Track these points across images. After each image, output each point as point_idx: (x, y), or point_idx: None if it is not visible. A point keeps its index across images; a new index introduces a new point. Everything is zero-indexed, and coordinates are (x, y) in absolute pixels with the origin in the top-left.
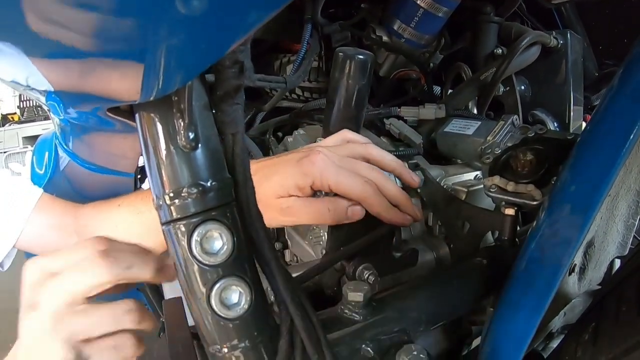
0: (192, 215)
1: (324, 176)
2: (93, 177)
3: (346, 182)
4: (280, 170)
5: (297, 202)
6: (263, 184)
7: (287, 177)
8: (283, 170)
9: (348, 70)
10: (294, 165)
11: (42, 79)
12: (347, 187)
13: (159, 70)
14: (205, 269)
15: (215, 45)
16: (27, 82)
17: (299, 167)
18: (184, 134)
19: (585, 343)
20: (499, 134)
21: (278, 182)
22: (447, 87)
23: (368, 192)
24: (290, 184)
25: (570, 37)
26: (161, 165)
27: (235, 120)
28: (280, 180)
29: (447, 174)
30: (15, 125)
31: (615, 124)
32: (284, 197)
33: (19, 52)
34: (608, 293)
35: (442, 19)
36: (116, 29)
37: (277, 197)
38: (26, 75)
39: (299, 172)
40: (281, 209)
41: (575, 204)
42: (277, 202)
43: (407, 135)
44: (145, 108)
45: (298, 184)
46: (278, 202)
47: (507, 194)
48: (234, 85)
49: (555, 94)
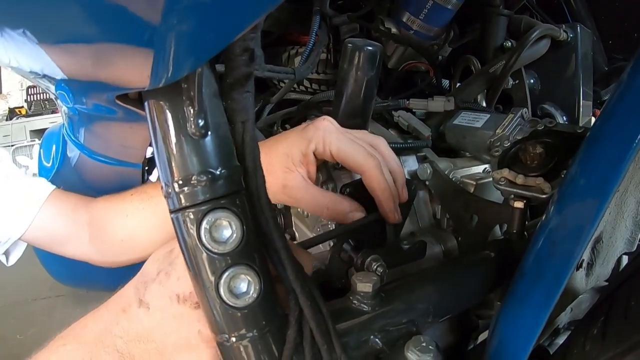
0: (201, 203)
1: (326, 141)
2: (100, 169)
3: (349, 149)
4: (285, 139)
5: (301, 184)
6: (269, 153)
7: (291, 145)
8: (288, 139)
9: (357, 61)
10: (298, 133)
11: (53, 66)
12: (349, 154)
13: (169, 55)
14: (214, 258)
15: (225, 30)
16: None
17: (303, 133)
18: (193, 121)
19: (594, 337)
20: (508, 127)
21: (283, 151)
22: (456, 79)
23: (370, 164)
24: (295, 152)
25: (580, 30)
26: (170, 153)
27: (246, 108)
28: (284, 148)
29: (456, 166)
30: (23, 119)
31: (625, 118)
32: (290, 171)
33: (30, 39)
34: (617, 288)
35: (451, 11)
36: (126, 13)
37: (284, 169)
38: (37, 62)
39: (303, 137)
40: (284, 185)
41: (586, 197)
42: (282, 177)
43: (416, 127)
44: (154, 95)
45: (302, 150)
46: (283, 177)
47: (516, 186)
48: (244, 72)
49: (564, 87)
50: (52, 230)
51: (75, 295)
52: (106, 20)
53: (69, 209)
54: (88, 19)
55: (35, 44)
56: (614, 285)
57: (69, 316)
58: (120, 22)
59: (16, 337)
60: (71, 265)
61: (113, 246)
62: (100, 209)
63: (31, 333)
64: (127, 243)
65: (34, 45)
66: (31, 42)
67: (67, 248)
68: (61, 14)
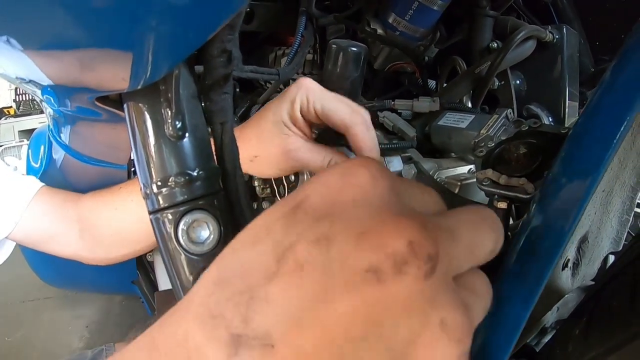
0: (179, 204)
1: (310, 98)
2: (86, 170)
3: (333, 105)
4: (270, 108)
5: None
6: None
7: (277, 111)
8: (273, 106)
9: (341, 62)
10: (280, 97)
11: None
12: (334, 110)
13: (146, 57)
14: (192, 258)
15: (199, 29)
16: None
17: (286, 95)
18: (171, 123)
19: (577, 337)
20: (493, 128)
21: (272, 119)
22: (443, 80)
23: (357, 119)
24: (284, 116)
25: (566, 31)
26: (148, 154)
27: (224, 109)
28: (273, 116)
29: (441, 167)
30: (11, 119)
31: (606, 116)
32: (288, 135)
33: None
34: (601, 288)
35: (437, 12)
36: (100, 16)
37: (281, 136)
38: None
39: (286, 100)
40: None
41: (566, 196)
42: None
43: (401, 128)
44: (133, 97)
45: (289, 112)
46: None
47: (499, 187)
48: (222, 74)
49: (550, 88)
50: (40, 228)
51: (63, 297)
52: (85, 25)
53: (57, 206)
54: (68, 24)
55: (16, 49)
56: (598, 285)
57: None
58: (98, 26)
59: (4, 339)
60: (59, 267)
61: (103, 241)
62: (89, 204)
63: (20, 335)
64: (117, 237)
65: (14, 50)
66: (12, 46)
67: (56, 246)
68: (41, 20)
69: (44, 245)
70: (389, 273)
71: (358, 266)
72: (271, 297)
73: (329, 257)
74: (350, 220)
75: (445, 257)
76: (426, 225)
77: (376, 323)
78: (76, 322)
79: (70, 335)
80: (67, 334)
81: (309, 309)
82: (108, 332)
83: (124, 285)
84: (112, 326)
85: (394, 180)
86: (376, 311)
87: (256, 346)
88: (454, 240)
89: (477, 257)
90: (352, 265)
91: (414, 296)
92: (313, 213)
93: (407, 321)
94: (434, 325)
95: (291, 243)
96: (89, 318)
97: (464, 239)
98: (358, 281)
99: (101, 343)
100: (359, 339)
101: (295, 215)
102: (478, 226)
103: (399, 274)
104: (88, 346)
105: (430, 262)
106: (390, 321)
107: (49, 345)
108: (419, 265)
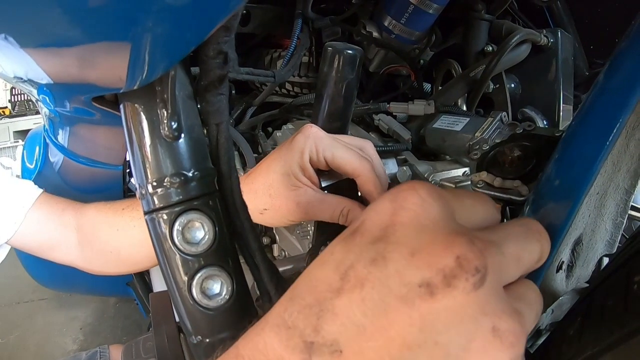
0: (174, 204)
1: (319, 148)
2: (81, 170)
3: (344, 154)
4: (279, 159)
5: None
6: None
7: (287, 162)
8: (281, 157)
9: (336, 65)
10: (288, 147)
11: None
12: (344, 159)
13: (142, 57)
14: (186, 258)
15: (195, 29)
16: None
17: (294, 145)
18: (166, 124)
19: (571, 338)
20: (487, 131)
21: (281, 172)
22: (438, 83)
23: (365, 167)
24: (294, 167)
25: (560, 35)
26: (144, 155)
27: (220, 110)
28: (282, 168)
29: (436, 169)
30: (7, 120)
31: (598, 118)
32: (298, 187)
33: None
34: (595, 289)
35: (432, 15)
36: (98, 15)
37: (290, 188)
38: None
39: (295, 150)
40: (297, 203)
41: (559, 198)
42: (292, 196)
43: (396, 130)
44: (129, 98)
45: (299, 163)
46: (293, 195)
47: (493, 189)
48: (218, 75)
49: (545, 92)
50: (38, 236)
51: (58, 299)
52: (82, 23)
53: (57, 215)
54: (66, 22)
55: (15, 46)
56: (592, 286)
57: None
58: (96, 26)
59: None
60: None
61: (102, 257)
62: (91, 217)
63: (14, 337)
64: (116, 256)
65: (14, 48)
66: (11, 44)
67: (54, 254)
68: (39, 18)
69: (42, 253)
70: (440, 286)
71: (412, 281)
72: (337, 309)
73: (386, 274)
74: (403, 240)
75: (493, 269)
76: (474, 240)
77: (431, 332)
78: (70, 324)
79: (65, 337)
80: (61, 336)
81: (371, 319)
82: (102, 334)
83: (119, 288)
84: (106, 328)
85: (443, 197)
86: (430, 321)
87: (326, 352)
88: (501, 252)
89: (525, 266)
90: (406, 280)
91: (464, 306)
92: (369, 236)
93: (460, 329)
94: (486, 332)
95: (352, 262)
96: (83, 320)
97: (512, 250)
98: (413, 295)
99: (95, 345)
100: (416, 346)
101: (354, 239)
102: (524, 237)
103: (448, 287)
104: (82, 348)
105: (478, 274)
106: (444, 329)
107: (43, 346)
108: (467, 277)
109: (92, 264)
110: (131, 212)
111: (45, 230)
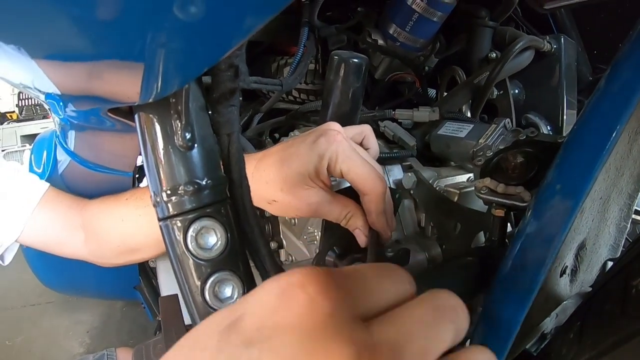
0: (188, 211)
1: (339, 159)
2: (91, 176)
3: (360, 171)
4: (297, 156)
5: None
6: (282, 170)
7: (304, 162)
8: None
9: (343, 73)
10: (309, 147)
11: (44, 80)
12: (359, 176)
13: (158, 73)
14: (199, 263)
15: (212, 49)
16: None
17: (315, 147)
18: (180, 134)
19: (571, 341)
20: (491, 137)
21: (297, 170)
22: (442, 90)
23: (378, 190)
24: (310, 169)
25: (563, 41)
26: (159, 164)
27: (231, 121)
28: (298, 167)
29: (440, 175)
30: (14, 124)
31: (598, 124)
32: (311, 187)
33: (21, 53)
34: (595, 293)
35: (437, 23)
36: (116, 34)
37: (303, 187)
38: (29, 76)
39: (315, 153)
40: (308, 203)
41: (558, 203)
42: (305, 195)
43: (401, 137)
44: (144, 109)
45: (316, 166)
46: (306, 195)
47: (497, 195)
48: (230, 87)
49: (548, 97)
50: (46, 232)
51: (64, 302)
52: (96, 40)
53: (63, 211)
54: (82, 38)
55: (29, 59)
56: (592, 291)
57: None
58: (111, 42)
59: (5, 343)
60: (61, 271)
61: (109, 250)
62: (95, 211)
63: (20, 339)
64: (123, 246)
65: (27, 60)
66: (24, 56)
67: (63, 249)
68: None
69: (51, 248)
70: None
71: None
72: None
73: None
74: (278, 350)
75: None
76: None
77: None
78: (77, 327)
79: (71, 341)
80: (67, 339)
81: None
82: (109, 337)
83: (126, 291)
84: (113, 332)
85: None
86: None
87: None
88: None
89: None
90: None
91: None
92: (244, 336)
93: None
94: None
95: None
96: (89, 323)
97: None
98: None
99: (102, 348)
100: None
101: (229, 337)
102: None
103: None
104: (88, 351)
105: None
106: None
107: (49, 350)
108: None
109: (100, 257)
110: (136, 201)
111: (51, 227)
